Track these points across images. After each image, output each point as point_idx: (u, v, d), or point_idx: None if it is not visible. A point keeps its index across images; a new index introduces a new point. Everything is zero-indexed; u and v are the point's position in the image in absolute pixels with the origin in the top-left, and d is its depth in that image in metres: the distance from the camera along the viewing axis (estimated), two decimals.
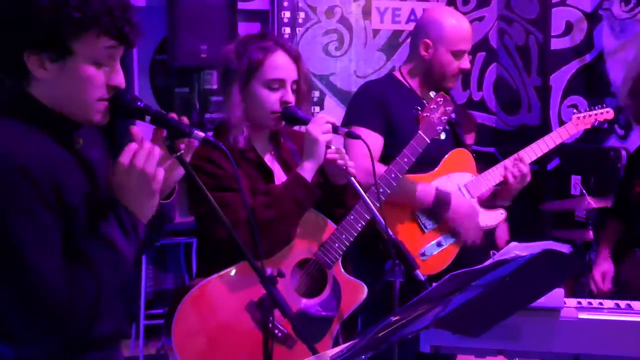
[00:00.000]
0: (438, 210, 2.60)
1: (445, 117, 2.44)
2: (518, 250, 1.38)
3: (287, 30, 4.70)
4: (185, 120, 1.60)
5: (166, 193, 1.65)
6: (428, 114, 2.42)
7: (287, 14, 4.72)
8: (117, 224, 1.48)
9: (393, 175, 2.33)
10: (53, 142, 1.48)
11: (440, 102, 2.43)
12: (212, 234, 2.08)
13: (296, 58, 2.23)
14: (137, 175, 1.47)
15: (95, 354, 1.55)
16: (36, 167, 1.39)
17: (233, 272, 2.11)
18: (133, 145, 1.49)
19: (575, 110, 2.90)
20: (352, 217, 2.19)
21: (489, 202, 2.77)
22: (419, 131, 2.41)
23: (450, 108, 2.45)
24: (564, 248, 1.46)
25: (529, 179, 2.68)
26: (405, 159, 2.36)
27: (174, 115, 1.58)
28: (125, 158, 1.47)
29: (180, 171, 1.62)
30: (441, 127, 2.44)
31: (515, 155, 2.71)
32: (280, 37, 2.30)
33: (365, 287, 2.25)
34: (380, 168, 2.41)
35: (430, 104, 2.43)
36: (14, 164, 1.37)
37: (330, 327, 2.19)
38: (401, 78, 2.81)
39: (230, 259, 2.10)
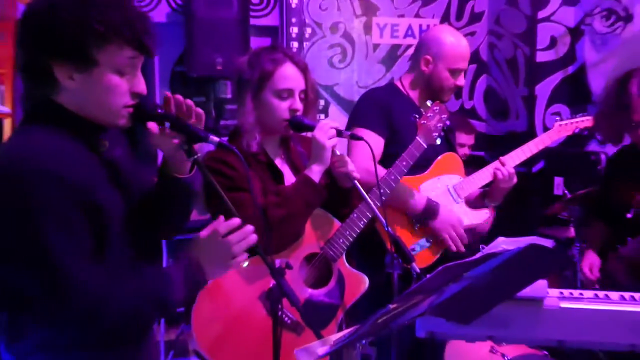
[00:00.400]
0: (426, 218, 2.60)
1: (441, 125, 2.45)
2: (505, 244, 1.38)
3: (295, 44, 4.70)
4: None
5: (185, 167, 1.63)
6: (425, 122, 2.42)
7: (295, 29, 4.73)
8: (183, 283, 1.50)
9: (393, 177, 2.34)
10: (81, 146, 1.48)
11: (437, 111, 2.44)
12: None
13: (304, 69, 2.23)
14: (224, 249, 1.52)
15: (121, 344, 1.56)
16: (69, 173, 1.39)
17: (246, 264, 2.11)
18: (236, 221, 1.53)
19: (557, 118, 2.90)
20: (355, 215, 2.20)
21: (479, 203, 2.78)
22: (417, 137, 2.42)
23: (445, 116, 2.46)
24: (548, 243, 1.46)
25: (515, 179, 2.67)
26: (404, 163, 2.37)
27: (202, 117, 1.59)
28: (222, 228, 1.52)
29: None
30: (437, 134, 2.44)
31: (499, 159, 2.70)
32: (289, 50, 2.30)
33: (367, 279, 2.26)
34: (380, 170, 2.42)
35: (427, 112, 2.44)
36: (48, 171, 1.37)
37: (335, 315, 2.20)
38: (401, 87, 2.81)
39: None
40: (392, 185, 2.33)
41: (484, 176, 2.72)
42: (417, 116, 2.45)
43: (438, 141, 2.47)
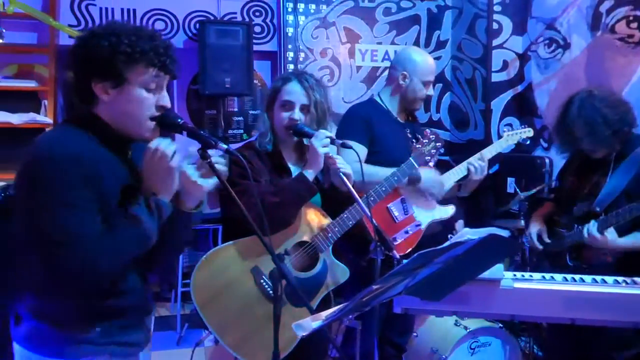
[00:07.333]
0: (413, 183, 2.56)
1: (435, 151, 2.38)
2: (470, 234, 1.36)
3: (291, 66, 4.67)
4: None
5: (196, 203, 1.61)
6: (420, 147, 2.38)
7: (291, 54, 4.70)
8: (145, 207, 1.46)
9: (384, 189, 2.30)
10: (108, 151, 1.48)
11: (432, 139, 2.39)
12: (233, 212, 2.08)
13: (309, 88, 2.20)
14: (159, 157, 1.46)
15: (119, 321, 1.52)
16: (85, 157, 1.39)
17: (245, 241, 2.10)
18: (156, 140, 1.49)
19: (505, 129, 2.92)
20: (345, 215, 2.17)
21: (451, 194, 2.75)
22: (411, 157, 2.36)
23: (440, 144, 2.40)
24: (504, 233, 1.44)
25: (486, 171, 2.65)
26: (396, 178, 2.33)
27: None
28: (153, 144, 1.48)
29: (206, 187, 1.57)
30: (430, 158, 2.39)
31: (477, 154, 2.69)
32: (304, 72, 2.27)
33: (348, 271, 2.22)
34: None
35: (423, 139, 2.39)
36: (65, 152, 1.37)
37: (314, 297, 2.17)
38: (380, 102, 2.78)
39: (245, 236, 2.09)
40: (382, 195, 2.30)
41: (449, 177, 2.71)
42: (414, 141, 2.40)
43: (431, 164, 2.43)
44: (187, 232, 1.61)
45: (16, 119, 3.92)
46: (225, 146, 1.55)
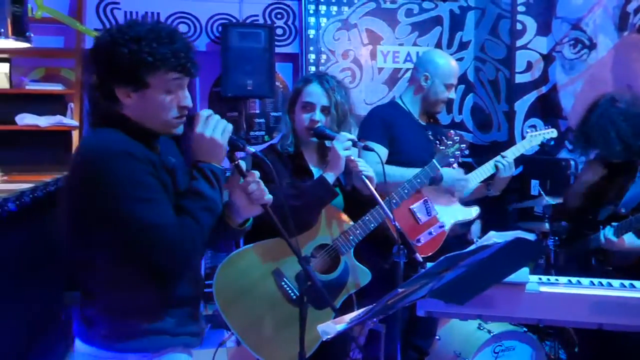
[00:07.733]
0: (436, 183, 2.55)
1: (459, 153, 2.37)
2: (496, 237, 1.35)
3: (313, 68, 4.68)
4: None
5: (243, 220, 1.66)
6: (444, 148, 2.36)
7: (313, 56, 4.71)
8: (202, 178, 1.50)
9: (406, 192, 2.30)
10: (142, 145, 1.50)
11: (457, 140, 2.38)
12: (258, 215, 2.10)
13: (330, 90, 2.21)
14: (213, 125, 1.51)
15: (188, 309, 1.58)
16: (137, 152, 1.42)
17: (267, 244, 2.12)
18: (206, 112, 1.53)
19: (528, 131, 2.90)
20: (367, 218, 2.18)
21: (480, 194, 2.73)
22: (434, 160, 2.36)
23: (464, 146, 2.39)
24: (531, 236, 1.42)
25: (514, 169, 2.63)
26: (418, 180, 2.33)
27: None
28: (203, 114, 1.52)
29: (257, 211, 1.62)
30: (453, 160, 2.37)
31: (499, 155, 2.68)
32: (325, 74, 2.31)
33: (370, 274, 2.22)
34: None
35: (447, 140, 2.37)
36: (122, 149, 1.40)
37: (335, 299, 2.17)
38: (401, 104, 2.78)
39: (267, 239, 2.10)
40: (404, 198, 2.29)
41: (475, 176, 2.69)
42: (437, 143, 2.39)
43: (455, 166, 2.41)
44: (229, 243, 1.65)
45: (43, 121, 4.00)
46: (252, 149, 1.57)
